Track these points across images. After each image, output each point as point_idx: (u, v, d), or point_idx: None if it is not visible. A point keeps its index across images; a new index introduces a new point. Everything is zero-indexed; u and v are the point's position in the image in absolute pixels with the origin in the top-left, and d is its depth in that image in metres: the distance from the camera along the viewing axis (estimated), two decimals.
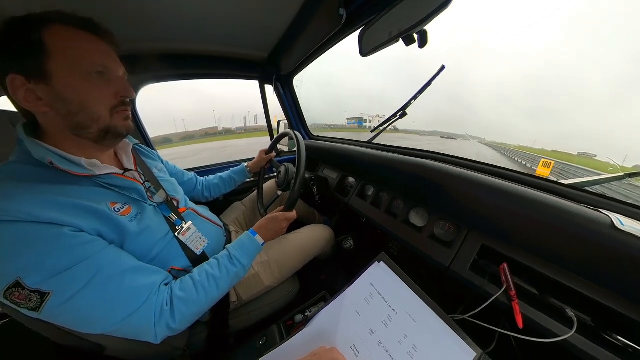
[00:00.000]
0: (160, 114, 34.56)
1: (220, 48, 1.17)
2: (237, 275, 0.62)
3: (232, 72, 1.36)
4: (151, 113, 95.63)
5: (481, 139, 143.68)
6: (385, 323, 0.52)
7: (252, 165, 1.13)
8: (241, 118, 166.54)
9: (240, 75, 1.41)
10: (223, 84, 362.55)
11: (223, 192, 1.08)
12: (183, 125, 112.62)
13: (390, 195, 0.93)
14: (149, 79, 1.16)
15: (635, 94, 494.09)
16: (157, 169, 0.75)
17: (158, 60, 1.09)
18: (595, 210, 0.48)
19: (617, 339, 0.43)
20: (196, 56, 1.19)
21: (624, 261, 0.41)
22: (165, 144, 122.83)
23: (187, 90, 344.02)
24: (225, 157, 1.53)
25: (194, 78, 1.30)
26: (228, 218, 1.08)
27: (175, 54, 1.12)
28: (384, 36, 0.64)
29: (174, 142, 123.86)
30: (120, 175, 0.56)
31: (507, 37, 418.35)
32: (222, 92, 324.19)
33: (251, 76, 1.46)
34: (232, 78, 1.41)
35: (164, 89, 24.66)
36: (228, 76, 1.38)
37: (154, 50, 1.05)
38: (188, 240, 0.65)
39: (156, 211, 0.62)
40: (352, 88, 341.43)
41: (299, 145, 0.84)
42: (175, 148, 51.69)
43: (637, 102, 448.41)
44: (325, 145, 1.37)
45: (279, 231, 0.73)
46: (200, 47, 1.13)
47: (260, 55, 1.32)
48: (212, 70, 1.30)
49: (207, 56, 1.21)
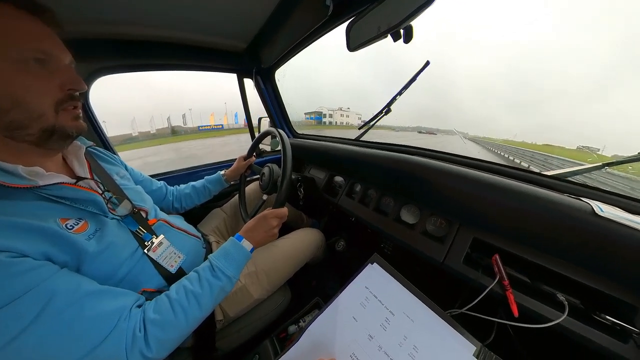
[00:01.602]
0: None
1: (191, 35, 1.06)
2: (222, 289, 0.56)
3: (205, 64, 1.26)
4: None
5: (464, 134, 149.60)
6: (384, 326, 0.52)
7: (230, 173, 1.05)
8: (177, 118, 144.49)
9: (215, 67, 1.31)
10: (179, 76, 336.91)
11: (196, 202, 1.01)
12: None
13: (380, 194, 0.94)
14: (105, 70, 1.01)
15: (615, 86, 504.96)
16: (118, 176, 0.68)
17: (116, 47, 0.96)
18: (577, 199, 0.51)
19: (606, 318, 0.46)
20: (163, 44, 1.06)
21: (605, 245, 0.45)
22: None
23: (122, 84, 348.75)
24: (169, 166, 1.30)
25: (161, 69, 1.18)
26: (207, 227, 1.01)
27: (138, 40, 1.00)
28: (372, 31, 0.63)
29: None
30: (72, 185, 0.49)
31: (488, 30, 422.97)
32: (179, 86, 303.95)
33: (228, 68, 1.37)
34: (206, 70, 1.31)
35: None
36: (201, 68, 1.28)
37: (111, 34, 0.91)
38: (161, 256, 0.60)
39: (120, 225, 0.56)
40: (326, 82, 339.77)
41: (283, 144, 0.81)
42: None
43: (614, 96, 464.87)
44: (311, 143, 1.35)
45: (271, 233, 0.67)
46: (168, 34, 1.02)
47: (238, 46, 1.23)
48: (181, 61, 1.18)
49: (177, 44, 1.09)
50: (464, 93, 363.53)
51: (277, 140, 0.85)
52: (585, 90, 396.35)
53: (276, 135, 0.86)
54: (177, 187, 1.00)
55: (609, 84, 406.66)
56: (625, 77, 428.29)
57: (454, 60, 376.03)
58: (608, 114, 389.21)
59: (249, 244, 0.63)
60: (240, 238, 0.63)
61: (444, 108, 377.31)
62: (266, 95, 1.55)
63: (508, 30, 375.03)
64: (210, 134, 45.81)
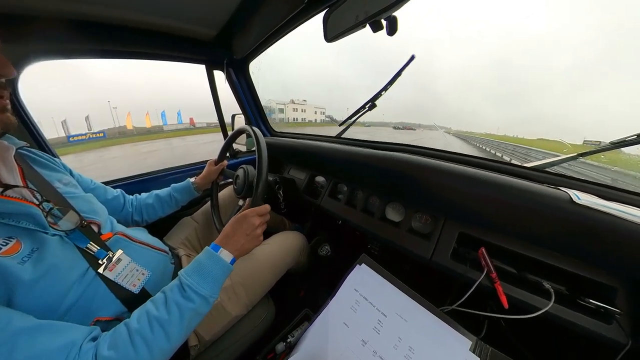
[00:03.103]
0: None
1: (152, 18, 0.95)
2: (195, 313, 0.48)
3: (168, 52, 1.14)
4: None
5: (447, 128, 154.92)
6: (377, 329, 0.51)
7: (200, 180, 0.97)
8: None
9: (180, 56, 1.20)
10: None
11: (160, 214, 0.92)
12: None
13: (365, 193, 0.94)
14: (41, 53, 0.85)
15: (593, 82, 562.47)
16: (61, 183, 0.60)
17: (57, 27, 0.82)
18: (556, 189, 0.54)
19: (590, 302, 0.49)
20: (117, 26, 0.94)
21: (584, 231, 0.48)
22: None
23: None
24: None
25: (114, 57, 1.04)
26: (175, 239, 0.92)
27: (85, 19, 0.86)
28: (350, 20, 0.62)
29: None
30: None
31: (472, 23, 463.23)
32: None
33: (195, 58, 1.26)
34: (168, 59, 1.19)
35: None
36: (164, 57, 1.16)
37: (51, 11, 0.79)
38: (120, 276, 0.53)
39: (65, 243, 0.49)
40: (299, 74, 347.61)
41: (258, 142, 0.77)
42: None
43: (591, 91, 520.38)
44: (290, 142, 1.31)
45: (253, 235, 0.59)
46: (123, 15, 0.90)
47: (207, 33, 1.13)
48: (140, 48, 1.05)
49: (134, 28, 0.97)
50: (447, 87, 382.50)
51: (252, 139, 0.81)
52: (566, 84, 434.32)
53: (250, 133, 0.82)
54: (138, 196, 0.90)
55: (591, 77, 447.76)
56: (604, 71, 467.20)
57: (437, 53, 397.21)
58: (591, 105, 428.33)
59: (229, 254, 0.55)
60: (217, 248, 0.55)
61: (426, 103, 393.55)
62: (239, 90, 1.46)
63: (493, 23, 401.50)
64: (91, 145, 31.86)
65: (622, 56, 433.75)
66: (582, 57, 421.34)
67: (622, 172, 1.93)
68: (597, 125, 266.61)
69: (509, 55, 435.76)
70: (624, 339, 0.46)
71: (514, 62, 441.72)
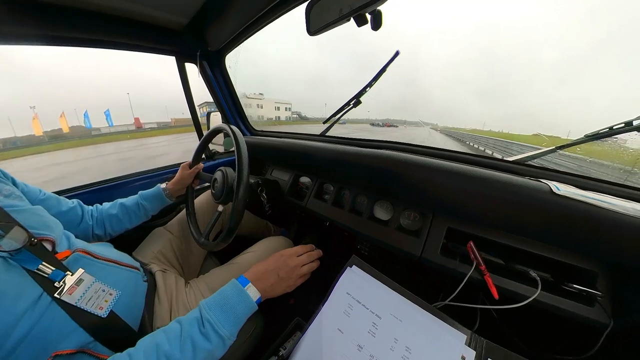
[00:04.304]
0: None
1: (114, 3, 0.87)
2: (209, 355, 0.44)
3: (133, 42, 1.04)
4: None
5: (434, 125, 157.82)
6: (372, 332, 0.51)
7: (173, 185, 0.91)
8: None
9: (147, 46, 1.10)
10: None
11: (127, 226, 0.83)
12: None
13: (352, 192, 0.95)
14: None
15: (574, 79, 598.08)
16: (1, 194, 0.55)
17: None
18: (537, 181, 0.57)
19: (573, 287, 0.53)
20: (72, 9, 0.85)
21: (564, 220, 0.51)
22: None
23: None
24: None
25: (67, 44, 0.93)
26: (146, 253, 0.84)
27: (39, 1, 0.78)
28: (334, 13, 0.61)
29: None
30: None
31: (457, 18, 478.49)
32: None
33: (164, 49, 1.17)
34: (134, 49, 1.08)
35: None
36: (127, 46, 1.05)
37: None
38: (82, 299, 0.48)
39: (9, 265, 0.44)
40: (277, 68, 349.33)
41: (237, 141, 0.74)
42: None
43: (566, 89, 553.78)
44: (272, 141, 1.27)
45: (286, 278, 0.57)
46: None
47: (177, 22, 1.05)
48: (102, 36, 0.95)
49: (93, 12, 0.88)
50: (433, 83, 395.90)
51: (231, 138, 0.77)
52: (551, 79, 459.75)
53: (228, 132, 0.78)
54: (99, 206, 0.82)
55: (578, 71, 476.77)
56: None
57: (423, 49, 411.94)
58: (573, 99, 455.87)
59: (256, 292, 0.52)
60: (245, 282, 0.52)
61: (413, 99, 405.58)
62: (215, 85, 1.38)
63: (477, 17, 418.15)
64: None
65: (601, 54, 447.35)
66: (566, 52, 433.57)
67: (596, 163, 2.13)
68: (581, 120, 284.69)
69: (495, 50, 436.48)
70: (606, 319, 0.50)
71: (500, 57, 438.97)
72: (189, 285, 0.77)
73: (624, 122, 0.60)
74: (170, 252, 0.89)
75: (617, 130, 0.62)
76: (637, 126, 0.58)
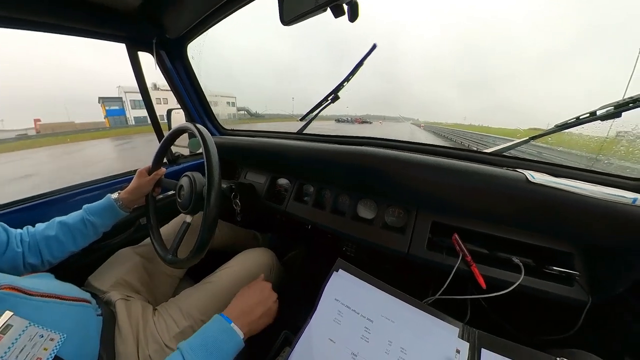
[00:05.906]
0: None
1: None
2: None
3: (70, 24, 0.90)
4: None
5: (415, 120, 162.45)
6: (365, 338, 0.50)
7: (128, 195, 0.80)
8: None
9: (88, 30, 0.95)
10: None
11: (72, 249, 0.71)
12: None
13: (333, 192, 0.94)
14: None
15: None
16: None
17: None
18: (514, 171, 0.61)
19: (553, 269, 0.57)
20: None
21: (539, 206, 0.55)
22: None
23: None
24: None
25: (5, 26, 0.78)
26: (103, 280, 0.74)
27: None
28: (309, 2, 0.59)
29: None
30: None
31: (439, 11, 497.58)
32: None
33: (110, 34, 1.02)
34: (72, 34, 0.93)
35: None
36: (63, 29, 0.90)
37: None
38: (12, 351, 0.38)
39: None
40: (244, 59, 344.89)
41: (205, 142, 0.69)
42: None
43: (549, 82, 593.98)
44: (244, 141, 1.19)
45: (270, 309, 0.61)
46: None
47: (127, 3, 0.91)
48: (37, 17, 0.82)
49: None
50: (413, 77, 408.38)
51: (197, 139, 0.71)
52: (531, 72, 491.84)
53: (194, 132, 0.72)
54: (30, 228, 0.68)
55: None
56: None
57: (401, 42, 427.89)
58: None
59: (239, 331, 0.51)
60: (229, 320, 0.51)
61: (393, 94, 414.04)
62: (175, 78, 1.25)
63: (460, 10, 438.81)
64: None
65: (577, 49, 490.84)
66: (545, 47, 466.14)
67: (565, 152, 2.37)
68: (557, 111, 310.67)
69: (475, 43, 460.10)
70: (585, 297, 0.54)
71: (481, 49, 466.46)
72: (158, 313, 0.69)
73: (589, 112, 0.66)
74: (134, 275, 0.80)
75: (583, 120, 0.67)
76: (601, 116, 0.63)
